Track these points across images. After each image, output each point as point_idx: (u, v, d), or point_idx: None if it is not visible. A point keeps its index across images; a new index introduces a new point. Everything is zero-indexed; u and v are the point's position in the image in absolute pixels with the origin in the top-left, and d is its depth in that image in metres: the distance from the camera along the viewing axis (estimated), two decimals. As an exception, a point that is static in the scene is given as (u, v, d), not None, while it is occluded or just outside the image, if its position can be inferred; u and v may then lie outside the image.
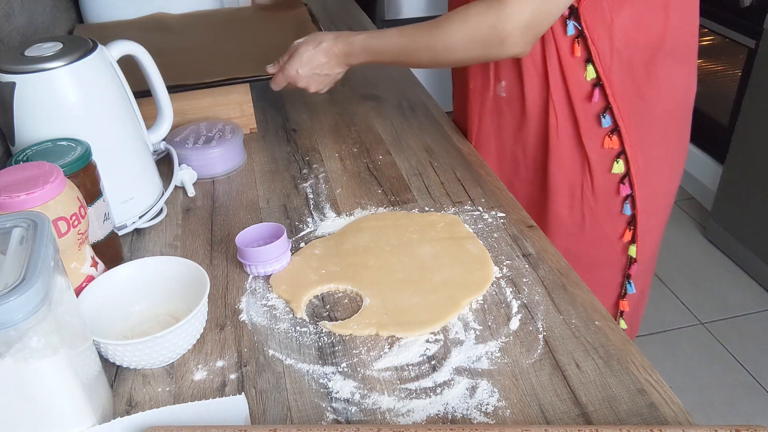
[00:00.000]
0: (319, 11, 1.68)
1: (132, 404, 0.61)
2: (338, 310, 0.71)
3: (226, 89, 1.04)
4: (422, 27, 0.86)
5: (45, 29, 1.16)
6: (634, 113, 0.90)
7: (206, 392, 0.62)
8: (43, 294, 0.47)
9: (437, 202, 0.89)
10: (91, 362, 0.58)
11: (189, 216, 0.88)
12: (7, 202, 0.60)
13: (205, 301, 0.64)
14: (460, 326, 0.68)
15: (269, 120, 1.14)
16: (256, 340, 0.67)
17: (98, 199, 0.74)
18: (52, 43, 0.77)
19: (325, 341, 0.67)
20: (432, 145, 1.03)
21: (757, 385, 1.78)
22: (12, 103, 0.74)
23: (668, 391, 0.60)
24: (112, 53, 0.82)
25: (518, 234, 0.81)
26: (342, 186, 0.93)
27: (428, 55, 0.86)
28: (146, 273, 0.70)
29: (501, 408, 0.58)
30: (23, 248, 0.50)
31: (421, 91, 1.23)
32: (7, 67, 0.74)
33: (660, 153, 0.95)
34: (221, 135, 0.98)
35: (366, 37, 0.90)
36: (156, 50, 0.90)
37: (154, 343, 0.60)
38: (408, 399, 0.60)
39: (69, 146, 0.72)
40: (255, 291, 0.74)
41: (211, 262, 0.79)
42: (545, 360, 0.63)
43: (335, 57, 0.93)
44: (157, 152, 0.97)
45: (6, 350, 0.47)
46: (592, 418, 0.57)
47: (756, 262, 2.10)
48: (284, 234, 0.75)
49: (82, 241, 0.67)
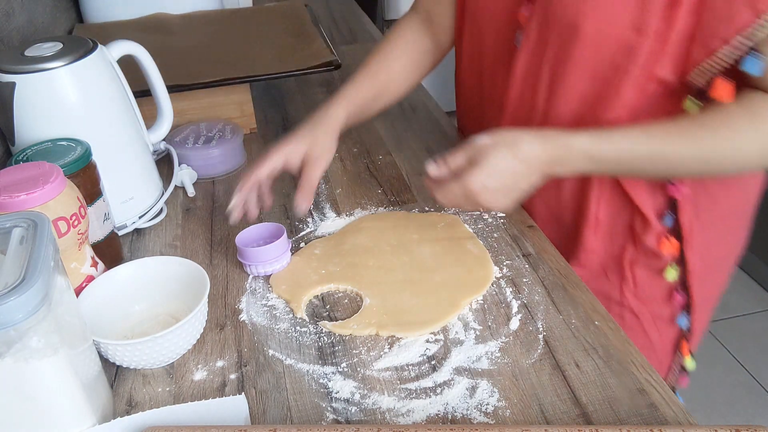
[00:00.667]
0: (320, 11, 1.68)
1: (132, 404, 0.61)
2: (338, 310, 0.71)
3: (226, 89, 1.04)
4: (679, 127, 0.66)
5: (45, 29, 1.16)
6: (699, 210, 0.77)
7: (206, 392, 0.62)
8: (43, 294, 0.47)
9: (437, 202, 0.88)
10: (91, 362, 0.58)
11: (189, 216, 0.88)
12: (7, 202, 0.60)
13: (205, 301, 0.64)
14: (460, 326, 0.68)
15: (269, 120, 1.14)
16: (256, 340, 0.67)
17: (98, 199, 0.74)
18: (52, 43, 0.77)
19: (325, 341, 0.67)
20: (432, 146, 1.03)
21: (757, 385, 1.78)
22: (12, 103, 0.74)
23: (668, 391, 0.60)
24: (112, 53, 0.82)
25: (518, 234, 0.81)
26: (342, 186, 0.93)
27: (697, 166, 0.67)
28: (146, 273, 0.70)
29: (501, 408, 0.58)
30: (23, 248, 0.50)
31: (421, 91, 1.23)
32: (7, 67, 0.74)
33: (721, 251, 0.83)
34: (221, 135, 0.98)
35: (590, 139, 0.67)
36: (156, 50, 0.90)
37: (154, 343, 0.60)
38: (408, 399, 0.60)
39: (69, 146, 0.72)
40: (255, 291, 0.74)
41: (211, 262, 0.79)
42: (545, 360, 0.63)
43: (540, 165, 0.68)
44: (157, 152, 0.97)
45: (6, 350, 0.47)
46: (592, 418, 0.57)
47: (756, 262, 2.10)
48: (284, 234, 0.75)
49: (82, 241, 0.67)
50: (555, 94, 0.75)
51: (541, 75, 0.76)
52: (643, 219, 0.78)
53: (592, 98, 0.73)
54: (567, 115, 0.76)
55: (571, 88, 0.73)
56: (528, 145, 0.67)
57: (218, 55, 1.12)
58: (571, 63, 0.71)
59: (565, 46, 0.71)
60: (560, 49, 0.72)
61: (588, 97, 0.73)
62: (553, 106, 0.76)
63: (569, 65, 0.72)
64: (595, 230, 0.81)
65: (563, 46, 0.71)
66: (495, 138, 0.68)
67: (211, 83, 1.00)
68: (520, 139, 0.68)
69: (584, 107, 0.74)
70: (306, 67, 1.04)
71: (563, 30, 0.70)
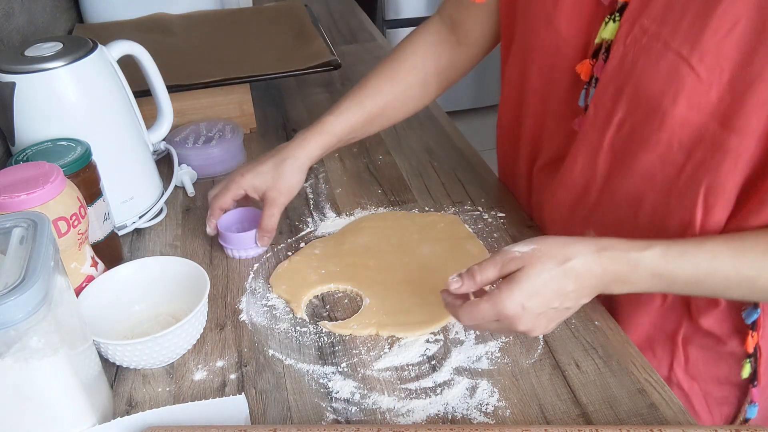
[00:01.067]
0: (320, 11, 1.68)
1: (132, 404, 0.61)
2: (338, 310, 0.71)
3: (226, 89, 1.04)
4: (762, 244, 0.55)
5: (45, 29, 1.16)
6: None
7: (206, 392, 0.62)
8: (43, 294, 0.47)
9: (437, 202, 0.89)
10: (91, 362, 0.58)
11: (189, 216, 0.88)
12: (7, 202, 0.60)
13: (205, 301, 0.64)
14: (460, 326, 0.68)
15: (269, 120, 1.14)
16: (256, 340, 0.67)
17: (98, 199, 0.74)
18: (52, 43, 0.77)
19: (325, 341, 0.67)
20: (432, 145, 1.03)
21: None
22: (12, 103, 0.74)
23: (668, 391, 0.60)
24: (112, 53, 0.82)
25: (518, 234, 0.81)
26: (342, 186, 0.93)
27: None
28: (146, 273, 0.70)
29: (501, 408, 0.58)
30: (23, 248, 0.50)
31: (421, 91, 1.23)
32: (7, 67, 0.74)
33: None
34: (221, 135, 0.98)
35: (662, 253, 0.56)
36: (156, 50, 0.90)
37: (154, 343, 0.60)
38: (408, 399, 0.60)
39: (69, 146, 0.72)
40: (255, 291, 0.74)
41: (211, 262, 0.79)
42: (545, 360, 0.63)
43: (596, 282, 0.56)
44: (157, 152, 0.97)
45: (6, 350, 0.47)
46: (592, 418, 0.57)
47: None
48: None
49: (82, 241, 0.67)
50: (616, 170, 0.66)
51: (602, 146, 0.65)
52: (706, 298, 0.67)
53: (662, 182, 0.62)
54: (629, 196, 0.65)
55: (636, 167, 0.63)
56: (582, 261, 0.55)
57: (218, 55, 1.12)
58: (642, 142, 0.61)
59: (639, 124, 0.61)
60: (631, 125, 0.62)
61: (657, 180, 0.62)
62: (613, 182, 0.66)
63: (639, 144, 0.62)
64: (646, 303, 0.71)
65: (636, 123, 0.61)
66: (539, 248, 0.55)
67: (211, 83, 1.00)
68: (572, 252, 0.55)
69: (650, 191, 0.63)
70: (306, 67, 1.04)
71: (640, 106, 0.60)
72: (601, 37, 0.63)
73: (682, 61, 0.55)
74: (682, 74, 0.56)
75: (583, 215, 0.72)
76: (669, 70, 0.57)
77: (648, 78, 0.58)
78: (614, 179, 0.66)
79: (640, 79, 0.59)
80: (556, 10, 0.67)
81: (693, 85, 0.55)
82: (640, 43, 0.59)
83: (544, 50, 0.70)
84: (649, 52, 0.58)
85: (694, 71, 0.55)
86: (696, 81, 0.55)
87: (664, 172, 0.61)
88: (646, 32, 0.58)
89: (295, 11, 1.30)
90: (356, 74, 1.31)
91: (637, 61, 0.59)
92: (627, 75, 0.60)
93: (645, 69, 0.58)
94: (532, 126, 0.78)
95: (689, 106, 0.56)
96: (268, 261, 0.78)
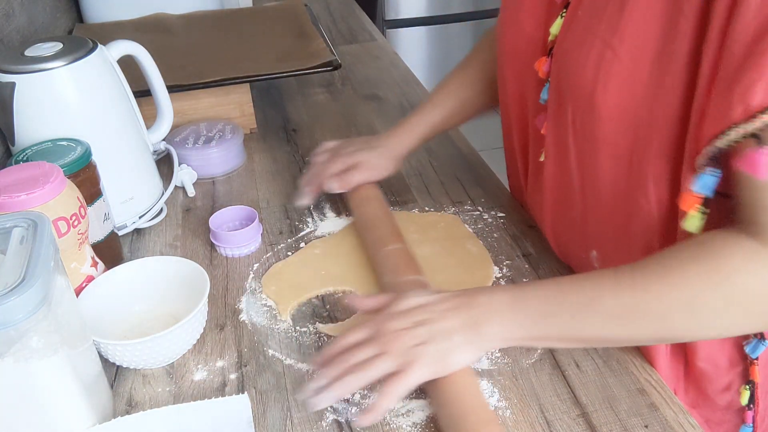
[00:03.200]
0: (320, 11, 1.68)
1: (132, 404, 0.61)
2: (338, 310, 0.71)
3: (226, 89, 1.04)
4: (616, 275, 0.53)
5: (45, 29, 1.16)
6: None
7: (206, 392, 0.62)
8: (43, 294, 0.47)
9: (437, 202, 0.89)
10: (91, 362, 0.58)
11: (189, 216, 0.88)
12: (7, 202, 0.60)
13: (205, 301, 0.64)
14: (460, 326, 0.68)
15: (269, 120, 1.14)
16: (256, 340, 0.67)
17: (98, 199, 0.74)
18: (52, 43, 0.77)
19: (325, 341, 0.67)
20: (432, 145, 1.03)
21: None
22: (12, 103, 0.74)
23: (668, 391, 0.60)
24: (112, 53, 0.82)
25: (518, 234, 0.81)
26: (342, 186, 0.93)
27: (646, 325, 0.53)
28: (146, 273, 0.70)
29: (501, 408, 0.58)
30: (23, 248, 0.50)
31: (421, 91, 1.23)
32: (7, 67, 0.74)
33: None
34: (221, 135, 0.98)
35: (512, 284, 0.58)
36: (156, 50, 0.90)
37: (154, 343, 0.60)
38: (408, 399, 0.60)
39: (69, 146, 0.72)
40: (255, 291, 0.74)
41: (211, 262, 0.79)
42: (545, 360, 0.63)
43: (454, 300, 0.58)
44: (157, 152, 0.97)
45: (6, 350, 0.47)
46: (592, 418, 0.57)
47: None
48: (256, 219, 0.79)
49: (82, 241, 0.67)
50: (588, 175, 0.63)
51: (569, 148, 0.64)
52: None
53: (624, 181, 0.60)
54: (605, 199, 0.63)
55: (599, 167, 0.61)
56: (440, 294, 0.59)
57: (218, 55, 1.12)
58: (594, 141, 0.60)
59: (585, 119, 0.60)
60: (581, 122, 0.61)
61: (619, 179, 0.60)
62: (588, 186, 0.64)
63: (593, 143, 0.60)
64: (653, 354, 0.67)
65: (583, 119, 0.60)
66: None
67: (211, 83, 1.00)
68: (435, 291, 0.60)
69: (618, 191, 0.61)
70: (306, 67, 1.04)
71: (580, 101, 0.59)
72: (552, 33, 0.64)
73: (606, 46, 0.55)
74: (608, 61, 0.55)
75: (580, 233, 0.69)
76: (597, 58, 0.56)
77: (580, 69, 0.58)
78: (588, 189, 0.64)
79: (575, 71, 0.59)
80: (521, 10, 0.69)
81: (619, 71, 0.55)
82: (574, 35, 0.59)
83: (513, 51, 0.72)
84: (581, 43, 0.58)
85: (618, 57, 0.54)
86: (621, 66, 0.54)
87: (619, 172, 0.59)
88: (579, 23, 0.59)
89: (295, 11, 1.30)
90: (356, 74, 1.31)
91: (572, 52, 0.59)
92: (566, 68, 0.60)
93: (577, 60, 0.58)
94: (518, 128, 0.77)
95: (619, 93, 0.55)
96: (268, 261, 0.79)
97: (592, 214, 0.66)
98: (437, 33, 2.71)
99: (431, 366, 0.55)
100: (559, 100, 0.63)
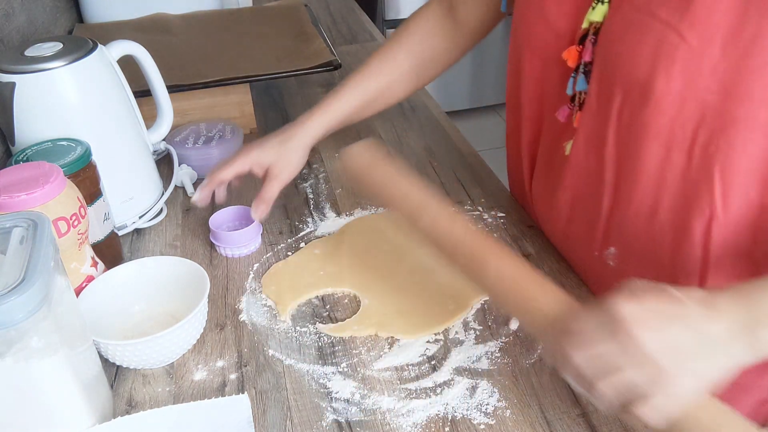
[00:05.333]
0: (320, 11, 1.68)
1: (132, 404, 0.61)
2: (338, 310, 0.71)
3: (226, 89, 1.04)
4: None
5: (45, 29, 1.16)
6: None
7: (206, 392, 0.62)
8: (43, 294, 0.47)
9: (437, 202, 0.88)
10: (91, 362, 0.58)
11: (189, 216, 0.88)
12: (7, 202, 0.60)
13: (205, 301, 0.64)
14: (460, 326, 0.68)
15: (269, 120, 1.14)
16: (256, 340, 0.67)
17: (98, 199, 0.74)
18: (52, 43, 0.77)
19: (325, 341, 0.67)
20: (432, 146, 1.03)
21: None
22: (12, 103, 0.74)
23: (668, 391, 0.60)
24: (112, 53, 0.82)
25: (518, 234, 0.81)
26: (342, 186, 0.93)
27: None
28: (146, 273, 0.70)
29: (501, 408, 0.58)
30: (23, 248, 0.50)
31: (421, 91, 1.23)
32: (7, 67, 0.74)
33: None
34: (221, 135, 0.98)
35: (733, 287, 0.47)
36: (156, 50, 0.90)
37: (154, 343, 0.60)
38: (408, 399, 0.60)
39: (69, 146, 0.72)
40: (255, 291, 0.74)
41: (211, 262, 0.79)
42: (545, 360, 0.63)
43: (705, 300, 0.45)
44: (157, 152, 0.97)
45: (6, 350, 0.47)
46: (592, 418, 0.57)
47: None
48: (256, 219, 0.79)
49: (82, 241, 0.67)
50: (625, 171, 0.61)
51: (606, 140, 0.61)
52: None
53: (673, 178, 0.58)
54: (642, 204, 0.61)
55: (644, 160, 0.59)
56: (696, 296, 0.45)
57: (218, 55, 1.12)
58: (644, 131, 0.57)
59: (635, 109, 0.57)
60: (629, 112, 0.58)
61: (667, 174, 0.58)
62: (623, 180, 0.62)
63: (642, 134, 0.58)
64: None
65: (635, 109, 0.57)
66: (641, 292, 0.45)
67: (211, 83, 1.00)
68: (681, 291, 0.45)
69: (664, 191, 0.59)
70: (306, 67, 1.04)
71: (633, 88, 0.56)
72: (589, 21, 0.61)
73: (671, 30, 0.53)
74: (672, 45, 0.53)
75: (601, 230, 0.67)
76: (657, 42, 0.53)
77: (636, 54, 0.55)
78: (623, 185, 0.62)
79: (628, 56, 0.56)
80: (545, 3, 0.65)
81: (685, 56, 0.52)
82: (627, 19, 0.56)
83: (535, 39, 0.68)
84: (636, 26, 0.55)
85: (686, 41, 0.52)
86: (688, 51, 0.52)
87: (672, 165, 0.57)
88: (633, 6, 0.56)
89: (295, 11, 1.30)
90: (356, 74, 1.31)
91: (623, 38, 0.57)
92: (616, 55, 0.57)
93: (632, 45, 0.56)
94: (531, 121, 0.75)
95: (684, 80, 0.53)
96: (269, 261, 0.79)
97: (622, 210, 0.64)
98: (437, 33, 2.71)
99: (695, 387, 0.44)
100: (604, 90, 0.60)
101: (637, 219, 0.63)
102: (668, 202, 0.60)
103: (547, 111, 0.71)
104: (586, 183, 0.67)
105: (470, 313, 0.69)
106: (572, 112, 0.66)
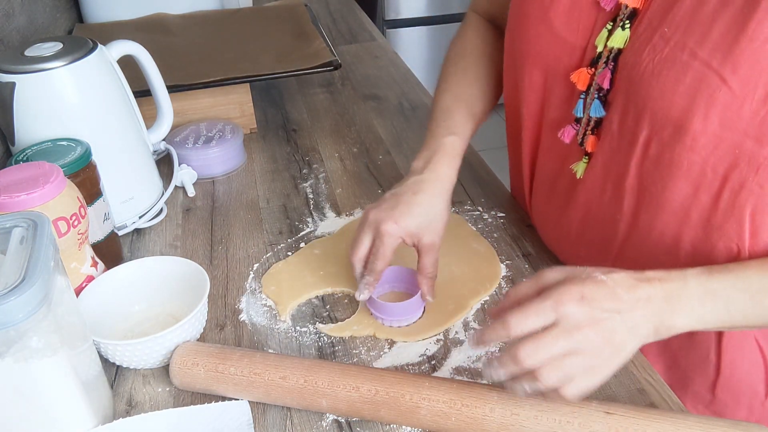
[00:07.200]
0: (320, 11, 1.68)
1: (132, 404, 0.61)
2: (338, 310, 0.71)
3: (226, 89, 1.04)
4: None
5: (45, 29, 1.16)
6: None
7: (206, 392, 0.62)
8: (43, 294, 0.47)
9: (437, 202, 0.88)
10: (91, 362, 0.58)
11: (189, 216, 0.88)
12: (7, 202, 0.60)
13: (205, 301, 0.64)
14: (460, 326, 0.68)
15: (269, 120, 1.14)
16: (256, 340, 0.67)
17: (98, 199, 0.74)
18: (52, 43, 0.77)
19: (325, 341, 0.67)
20: (432, 145, 1.03)
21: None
22: (12, 103, 0.74)
23: (668, 390, 0.60)
24: (112, 53, 0.82)
25: (518, 234, 0.81)
26: (342, 186, 0.93)
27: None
28: (146, 273, 0.70)
29: (501, 408, 0.58)
30: (23, 248, 0.50)
31: (421, 91, 1.23)
32: (7, 67, 0.74)
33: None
34: (221, 135, 0.98)
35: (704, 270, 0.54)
36: (156, 50, 0.90)
37: (154, 343, 0.60)
38: (408, 399, 0.60)
39: (69, 146, 0.72)
40: (255, 291, 0.74)
41: (211, 262, 0.79)
42: (545, 360, 0.63)
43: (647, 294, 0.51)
44: (157, 152, 0.97)
45: (6, 350, 0.47)
46: (592, 418, 0.57)
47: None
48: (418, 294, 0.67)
49: (82, 241, 0.67)
50: (645, 203, 0.60)
51: (628, 171, 0.60)
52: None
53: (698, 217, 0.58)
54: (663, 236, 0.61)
55: (668, 199, 0.58)
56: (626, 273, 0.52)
57: (218, 55, 1.12)
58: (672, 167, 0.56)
59: (665, 146, 0.56)
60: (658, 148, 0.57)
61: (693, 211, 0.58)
62: (644, 212, 0.61)
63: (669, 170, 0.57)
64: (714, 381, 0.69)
65: (664, 144, 0.56)
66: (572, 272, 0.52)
67: (211, 83, 1.00)
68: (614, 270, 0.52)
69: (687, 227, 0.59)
70: (306, 67, 1.04)
71: (665, 125, 0.55)
72: (606, 45, 0.59)
73: (713, 72, 0.51)
74: (711, 87, 0.51)
75: (614, 252, 0.67)
76: (696, 83, 0.52)
77: (672, 92, 0.53)
78: (644, 215, 0.61)
79: (662, 93, 0.54)
80: (552, 7, 0.63)
81: (725, 100, 0.51)
82: (661, 54, 0.54)
83: (537, 46, 0.66)
84: (672, 63, 0.53)
85: (727, 84, 0.50)
86: (728, 95, 0.50)
87: (699, 202, 0.57)
88: (668, 42, 0.54)
89: (295, 11, 1.30)
90: (356, 74, 1.31)
91: (658, 73, 0.54)
92: (647, 90, 0.55)
93: (667, 82, 0.54)
94: (530, 137, 0.73)
95: (722, 123, 0.52)
96: (268, 261, 0.78)
97: (641, 237, 0.63)
98: (437, 33, 2.71)
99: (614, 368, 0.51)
100: (628, 122, 0.58)
101: (656, 248, 0.62)
102: (691, 235, 0.59)
103: (548, 127, 0.69)
104: (601, 208, 0.65)
105: (470, 313, 0.69)
106: (577, 133, 0.64)
